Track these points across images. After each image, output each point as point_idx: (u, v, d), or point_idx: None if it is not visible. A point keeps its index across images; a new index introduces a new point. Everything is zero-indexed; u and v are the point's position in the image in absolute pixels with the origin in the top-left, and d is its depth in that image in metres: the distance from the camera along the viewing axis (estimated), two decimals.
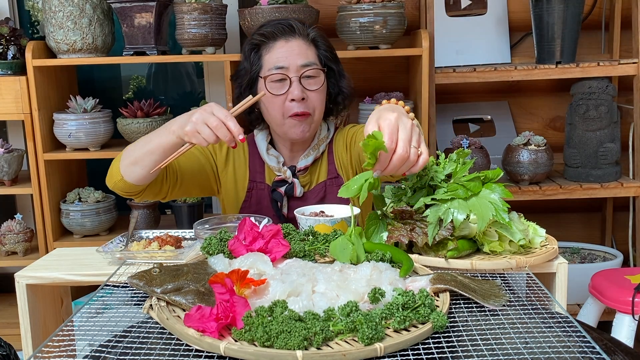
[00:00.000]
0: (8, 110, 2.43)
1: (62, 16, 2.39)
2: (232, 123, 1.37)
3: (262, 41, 1.68)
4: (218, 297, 0.94)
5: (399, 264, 1.14)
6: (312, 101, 1.66)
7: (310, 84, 1.65)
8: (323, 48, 1.71)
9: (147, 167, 1.52)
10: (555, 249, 1.28)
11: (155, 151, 1.49)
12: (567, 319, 0.99)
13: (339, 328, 0.89)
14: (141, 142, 1.53)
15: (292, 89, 1.63)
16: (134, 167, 1.53)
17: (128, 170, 1.54)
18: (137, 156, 1.52)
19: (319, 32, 1.73)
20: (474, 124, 2.84)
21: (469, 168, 1.27)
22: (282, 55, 1.64)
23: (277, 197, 1.72)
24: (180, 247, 1.41)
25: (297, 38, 1.67)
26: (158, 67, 3.08)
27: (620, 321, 2.08)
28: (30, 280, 1.37)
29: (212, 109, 1.39)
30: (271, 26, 1.69)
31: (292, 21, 1.70)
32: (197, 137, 1.40)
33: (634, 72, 2.51)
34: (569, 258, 2.72)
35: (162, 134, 1.48)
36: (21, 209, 2.94)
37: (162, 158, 1.49)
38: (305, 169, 1.75)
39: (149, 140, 1.51)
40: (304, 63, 1.64)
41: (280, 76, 1.63)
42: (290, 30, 1.67)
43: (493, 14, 2.75)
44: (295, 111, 1.63)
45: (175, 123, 1.46)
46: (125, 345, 0.92)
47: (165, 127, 1.49)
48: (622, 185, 2.53)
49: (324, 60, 1.71)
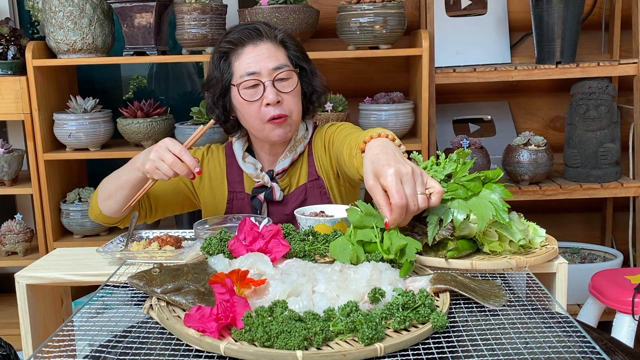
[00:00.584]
0: (8, 110, 2.43)
1: (62, 16, 2.39)
2: (187, 157, 1.44)
3: (230, 48, 1.66)
4: (218, 297, 0.94)
5: (399, 264, 1.14)
6: (287, 103, 1.64)
7: (284, 86, 1.64)
8: (292, 48, 1.69)
9: (119, 202, 1.61)
10: (555, 249, 1.28)
11: (125, 186, 1.57)
12: (567, 319, 0.99)
13: (339, 328, 0.89)
14: (113, 177, 1.62)
15: (267, 94, 1.61)
16: (109, 202, 1.62)
17: (104, 204, 1.63)
18: (109, 191, 1.61)
19: (287, 32, 1.72)
20: (474, 124, 2.84)
21: (469, 168, 1.27)
22: (252, 60, 1.62)
23: (255, 204, 1.71)
24: (180, 247, 1.41)
25: (265, 41, 1.65)
26: (158, 67, 3.08)
27: (620, 321, 2.08)
28: (30, 280, 1.37)
29: (167, 145, 1.46)
30: (237, 32, 1.67)
31: (258, 24, 1.68)
32: (157, 173, 1.48)
33: (634, 72, 2.51)
34: (569, 258, 2.72)
35: (129, 170, 1.56)
36: (21, 209, 2.94)
37: (132, 193, 1.57)
38: (284, 172, 1.73)
39: (118, 176, 1.59)
40: (275, 66, 1.62)
41: (253, 82, 1.62)
42: (257, 34, 1.65)
43: (493, 14, 2.75)
44: (272, 115, 1.61)
45: (139, 159, 1.52)
46: (125, 345, 0.92)
47: (131, 162, 1.57)
48: (622, 185, 2.53)
49: (294, 60, 1.69)
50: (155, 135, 2.48)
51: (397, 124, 2.47)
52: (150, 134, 2.47)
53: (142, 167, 1.50)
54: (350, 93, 2.59)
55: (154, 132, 2.47)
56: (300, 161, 1.75)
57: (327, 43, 2.71)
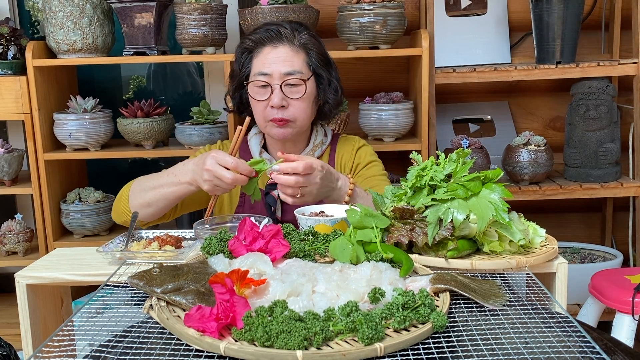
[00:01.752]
0: (8, 110, 2.43)
1: (62, 16, 2.39)
2: (243, 167, 1.44)
3: (251, 46, 1.71)
4: (218, 297, 0.94)
5: (399, 264, 1.14)
6: (293, 109, 1.67)
7: (292, 92, 1.67)
8: (313, 54, 1.71)
9: (161, 210, 1.63)
10: (555, 249, 1.28)
11: (169, 197, 1.59)
12: (567, 319, 0.99)
13: (339, 328, 0.89)
14: (151, 185, 1.61)
15: (273, 97, 1.65)
16: (148, 209, 1.62)
17: (143, 211, 1.62)
18: (148, 200, 1.61)
19: (312, 36, 1.72)
20: (474, 124, 2.84)
21: (469, 168, 1.27)
22: (267, 61, 1.67)
23: (270, 201, 1.71)
24: (180, 247, 1.41)
25: (284, 44, 1.68)
26: (159, 67, 3.08)
27: (620, 321, 2.08)
28: (30, 280, 1.37)
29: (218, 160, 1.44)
30: (260, 32, 1.71)
31: (282, 25, 1.70)
32: (218, 191, 1.51)
33: (634, 72, 2.51)
34: (569, 258, 2.72)
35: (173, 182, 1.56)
36: (21, 209, 2.94)
37: (177, 201, 1.62)
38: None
39: (159, 185, 1.59)
40: (288, 71, 1.65)
41: (262, 82, 1.66)
42: (278, 36, 1.68)
43: (493, 14, 2.75)
44: (274, 117, 1.66)
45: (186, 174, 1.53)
46: (125, 345, 0.92)
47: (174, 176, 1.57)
48: (622, 185, 2.53)
49: (313, 66, 1.70)
50: (155, 135, 2.48)
51: (397, 124, 2.47)
52: (150, 134, 2.47)
53: (194, 182, 1.52)
54: (350, 93, 2.59)
55: (154, 132, 2.47)
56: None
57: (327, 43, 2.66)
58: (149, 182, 1.63)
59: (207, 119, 2.47)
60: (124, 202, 1.65)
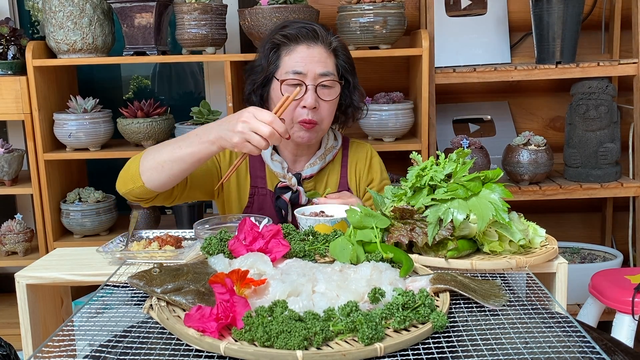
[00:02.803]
0: (8, 110, 2.43)
1: (62, 16, 2.39)
2: (279, 124, 1.37)
3: (283, 42, 1.66)
4: (218, 297, 0.94)
5: (399, 264, 1.14)
6: (322, 111, 1.65)
7: (325, 94, 1.64)
8: (342, 58, 1.70)
9: (174, 176, 1.51)
10: (555, 249, 1.28)
11: (187, 159, 1.47)
12: (567, 319, 0.99)
13: (339, 328, 0.89)
14: (168, 147, 1.50)
15: (307, 97, 1.61)
16: (159, 174, 1.50)
17: (152, 175, 1.51)
18: (160, 162, 1.49)
19: (341, 42, 1.72)
20: (474, 124, 2.84)
21: (468, 168, 1.27)
22: (302, 60, 1.62)
23: (281, 205, 1.70)
24: (180, 247, 1.41)
25: (319, 45, 1.65)
26: (159, 67, 3.08)
27: (620, 321, 2.08)
28: (30, 280, 1.37)
29: (254, 114, 1.37)
30: (295, 28, 1.66)
31: (316, 26, 1.68)
32: (247, 147, 1.39)
33: (634, 72, 2.51)
34: (569, 258, 2.72)
35: (193, 143, 1.46)
36: (21, 209, 2.94)
37: (192, 167, 1.49)
38: (310, 177, 1.74)
39: (176, 148, 1.48)
40: (323, 72, 1.63)
41: (296, 81, 1.62)
42: (314, 36, 1.65)
43: (493, 14, 2.75)
44: (304, 118, 1.62)
45: (210, 132, 1.43)
46: (125, 345, 0.92)
47: (196, 135, 1.47)
48: (622, 185, 2.53)
49: (341, 70, 1.69)
50: (155, 135, 2.48)
51: (397, 124, 2.47)
52: (150, 134, 2.47)
53: (220, 140, 1.41)
54: None
55: (154, 132, 2.47)
56: (328, 169, 1.77)
57: None
58: (166, 144, 1.53)
59: (207, 119, 2.47)
60: (134, 165, 1.54)
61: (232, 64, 2.39)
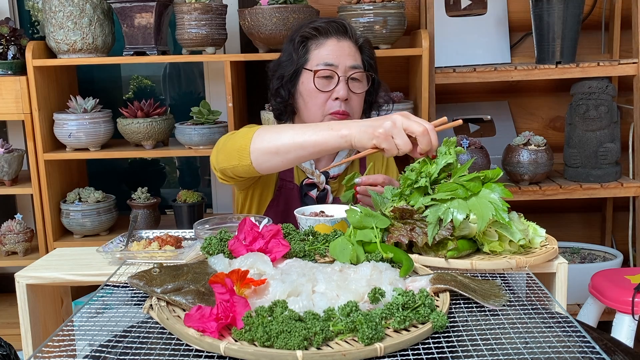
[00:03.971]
0: (8, 110, 2.43)
1: (62, 16, 2.39)
2: (434, 136, 1.26)
3: (313, 35, 1.68)
4: (218, 297, 0.94)
5: (399, 264, 1.14)
6: (353, 103, 1.67)
7: (355, 86, 1.68)
8: (368, 55, 1.74)
9: (288, 161, 1.41)
10: (555, 249, 1.28)
11: (307, 147, 1.37)
12: (567, 319, 0.99)
13: (339, 328, 0.89)
14: (287, 133, 1.40)
15: (339, 88, 1.64)
16: (274, 157, 1.41)
17: (264, 157, 1.41)
18: (278, 146, 1.39)
19: (367, 39, 1.77)
20: (474, 124, 2.84)
21: (468, 167, 1.27)
22: (334, 53, 1.65)
23: (309, 201, 1.71)
24: (180, 247, 1.41)
25: (348, 39, 1.69)
26: (160, 67, 3.08)
27: (620, 321, 2.08)
28: (30, 280, 1.37)
29: (408, 116, 1.27)
30: (325, 22, 1.69)
31: (344, 22, 1.72)
32: (389, 142, 1.26)
33: (634, 72, 2.51)
34: (569, 258, 2.72)
35: (321, 132, 1.35)
36: (21, 209, 2.94)
37: (310, 157, 1.41)
38: (336, 177, 1.76)
39: (301, 133, 1.38)
40: (353, 65, 1.66)
41: (328, 72, 1.64)
42: (343, 30, 1.69)
43: (493, 14, 2.75)
44: (336, 110, 1.64)
45: (346, 127, 1.33)
46: (125, 345, 0.92)
47: (327, 126, 1.36)
48: (622, 185, 2.53)
49: (367, 66, 1.73)
50: (155, 135, 2.48)
51: None
52: (150, 134, 2.47)
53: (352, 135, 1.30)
54: None
55: (154, 132, 2.47)
56: (349, 169, 1.79)
57: None
58: (287, 127, 1.45)
59: (207, 119, 2.47)
60: (245, 142, 1.43)
61: (232, 64, 2.39)
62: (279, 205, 1.74)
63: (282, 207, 1.74)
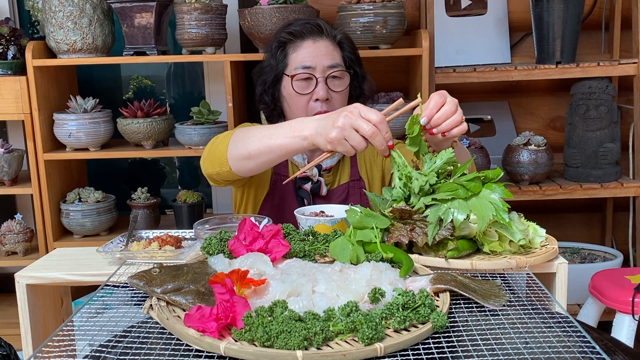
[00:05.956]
0: (8, 110, 2.43)
1: (62, 16, 2.39)
2: (386, 127, 1.26)
3: (289, 39, 1.69)
4: (218, 297, 0.94)
5: (399, 264, 1.14)
6: (335, 102, 1.67)
7: (335, 85, 1.67)
8: (348, 50, 1.73)
9: (262, 165, 1.47)
10: (555, 249, 1.28)
11: (275, 151, 1.42)
12: (567, 319, 0.99)
13: (339, 328, 0.89)
14: (257, 135, 1.45)
15: (318, 89, 1.64)
16: (247, 162, 1.47)
17: (240, 163, 1.48)
18: (250, 151, 1.45)
19: (345, 34, 1.75)
20: (474, 124, 2.84)
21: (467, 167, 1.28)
22: (310, 55, 1.66)
23: (303, 194, 1.73)
24: (180, 247, 1.41)
25: (324, 39, 1.69)
26: (160, 67, 3.08)
27: (620, 321, 2.08)
28: (30, 280, 1.37)
29: (361, 111, 1.27)
30: (299, 25, 1.70)
31: (320, 21, 1.72)
32: (343, 145, 1.28)
33: (634, 72, 2.51)
34: (569, 258, 2.72)
35: (286, 135, 1.39)
36: (21, 209, 2.94)
37: (281, 159, 1.45)
38: (329, 169, 1.76)
39: (267, 136, 1.42)
40: (331, 64, 1.66)
41: (306, 75, 1.65)
42: (318, 30, 1.69)
43: (493, 14, 2.75)
44: (318, 111, 1.64)
45: (306, 127, 1.36)
46: (125, 345, 0.92)
47: (290, 127, 1.40)
48: (622, 185, 2.53)
49: (348, 62, 1.72)
50: (155, 135, 2.48)
51: (397, 124, 2.47)
52: (150, 134, 2.47)
53: (315, 136, 1.33)
54: None
55: (154, 132, 2.47)
56: (341, 162, 1.79)
57: None
58: (257, 131, 1.46)
59: (207, 119, 2.47)
60: (221, 149, 1.51)
61: (232, 64, 2.39)
62: (274, 200, 1.76)
63: (277, 201, 1.76)
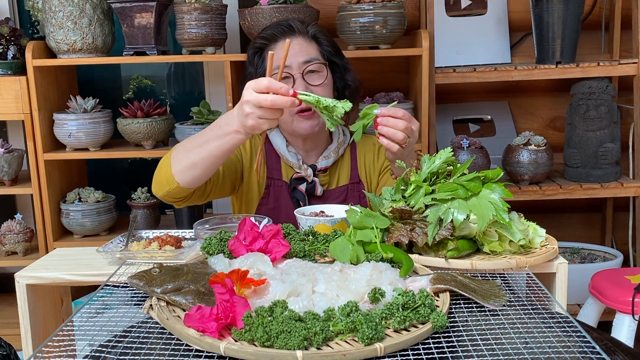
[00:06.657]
0: (8, 110, 2.43)
1: (62, 16, 2.39)
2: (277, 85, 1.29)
3: (263, 44, 1.72)
4: (218, 297, 0.94)
5: (399, 264, 1.14)
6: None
7: (314, 79, 1.68)
8: (325, 43, 1.74)
9: (208, 170, 1.49)
10: (555, 249, 1.28)
11: (215, 153, 1.44)
12: (567, 319, 0.99)
13: (339, 328, 0.89)
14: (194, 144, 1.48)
15: (296, 86, 1.65)
16: (193, 171, 1.49)
17: (186, 174, 1.50)
18: (193, 160, 1.48)
19: (319, 28, 1.76)
20: (474, 124, 2.84)
21: (467, 166, 1.28)
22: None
23: (298, 196, 1.73)
24: (180, 247, 1.41)
25: (297, 37, 1.70)
26: (160, 67, 3.08)
27: (620, 321, 2.08)
28: (30, 280, 1.37)
29: (253, 87, 1.30)
30: (271, 28, 1.72)
31: (291, 21, 1.73)
32: (265, 124, 1.33)
33: (634, 72, 2.51)
34: (569, 258, 2.72)
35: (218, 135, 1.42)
36: (21, 209, 2.94)
37: (224, 158, 1.47)
38: (325, 170, 1.76)
39: (203, 143, 1.45)
40: (305, 59, 1.67)
41: (283, 75, 1.65)
42: (290, 30, 1.70)
43: (493, 14, 2.75)
44: (300, 107, 1.63)
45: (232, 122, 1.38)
46: (125, 345, 0.92)
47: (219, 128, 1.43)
48: (622, 185, 2.53)
49: (326, 55, 1.73)
50: (155, 135, 2.48)
51: None
52: (150, 134, 2.47)
53: (243, 127, 1.36)
54: None
55: (154, 132, 2.47)
56: (339, 163, 1.80)
57: None
58: (193, 141, 1.50)
59: (207, 119, 2.47)
60: (165, 168, 1.53)
61: (232, 64, 2.39)
62: (268, 204, 1.76)
63: (272, 204, 1.76)
